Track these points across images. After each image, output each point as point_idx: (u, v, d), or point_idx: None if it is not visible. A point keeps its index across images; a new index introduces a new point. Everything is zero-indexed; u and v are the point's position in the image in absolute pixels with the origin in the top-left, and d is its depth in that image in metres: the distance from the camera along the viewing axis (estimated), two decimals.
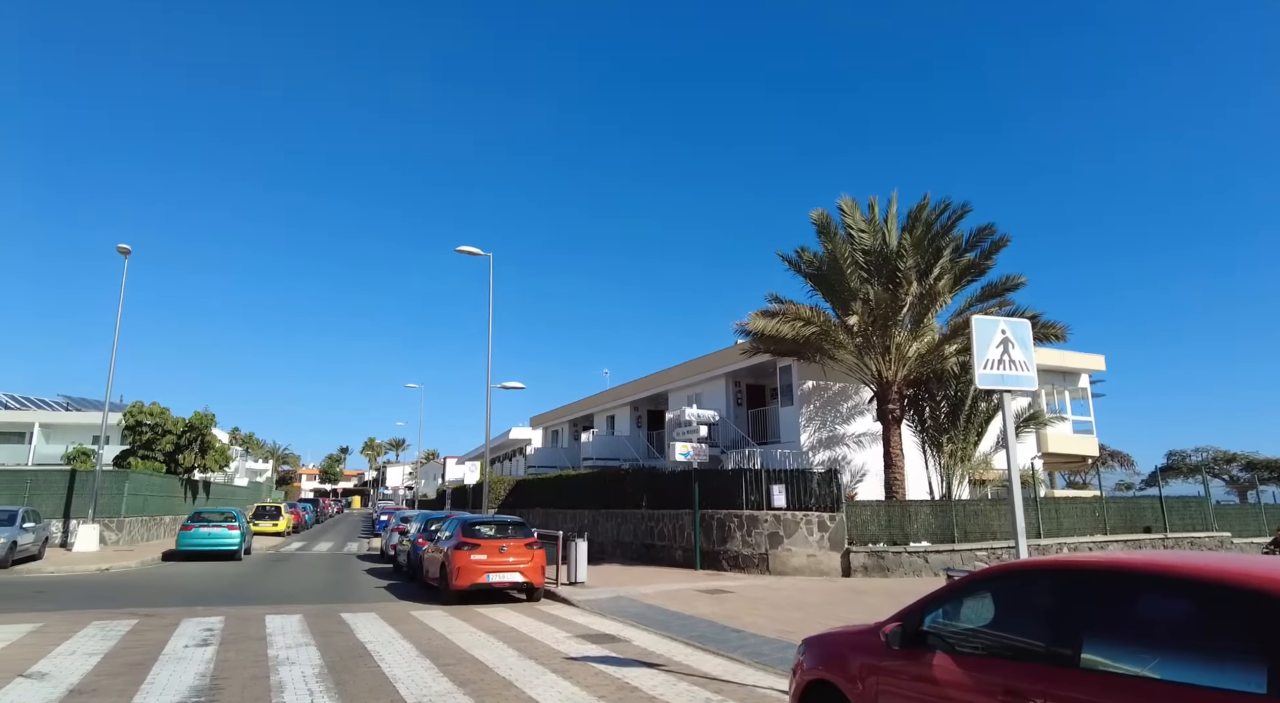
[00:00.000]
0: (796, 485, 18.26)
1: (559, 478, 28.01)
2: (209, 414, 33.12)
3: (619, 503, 23.10)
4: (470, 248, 24.16)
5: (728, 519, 18.64)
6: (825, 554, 17.80)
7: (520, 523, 14.96)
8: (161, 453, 32.19)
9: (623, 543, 22.65)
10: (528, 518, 31.33)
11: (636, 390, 32.22)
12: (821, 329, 18.13)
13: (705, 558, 18.81)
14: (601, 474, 24.91)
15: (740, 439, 24.52)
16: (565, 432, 40.85)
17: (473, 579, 13.52)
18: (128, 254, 24.76)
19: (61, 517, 24.58)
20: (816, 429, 22.47)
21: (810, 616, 11.88)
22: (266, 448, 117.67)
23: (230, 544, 22.16)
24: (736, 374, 25.92)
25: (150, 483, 29.13)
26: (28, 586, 15.53)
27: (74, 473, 25.03)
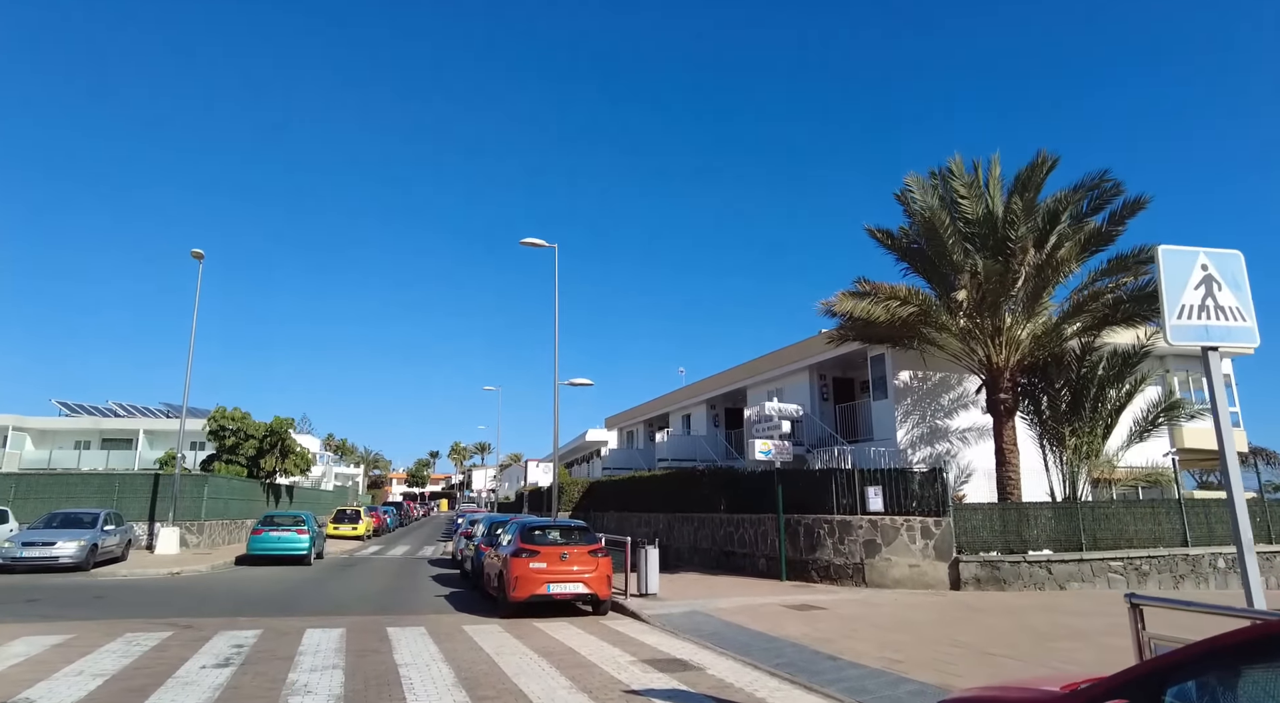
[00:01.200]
0: (894, 487, 16.23)
1: (632, 480, 26.61)
2: (288, 419, 33.44)
3: (695, 507, 21.49)
4: (535, 239, 23.08)
5: (816, 525, 16.75)
6: (930, 564, 15.68)
7: (584, 528, 13.59)
8: (244, 457, 32.63)
9: (700, 550, 21.01)
10: (601, 522, 30.15)
11: (713, 387, 30.51)
12: (921, 309, 16.01)
13: (792, 568, 16.99)
14: (676, 476, 23.35)
15: (827, 437, 22.48)
16: (640, 432, 39.49)
17: (531, 590, 12.21)
18: (201, 259, 24.94)
19: (147, 520, 24.92)
20: (914, 425, 20.23)
21: (920, 639, 9.98)
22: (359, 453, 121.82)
23: (299, 549, 21.75)
24: (821, 366, 23.89)
25: (231, 487, 29.44)
26: (92, 590, 15.24)
27: (157, 477, 25.37)
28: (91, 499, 24.55)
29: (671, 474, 23.86)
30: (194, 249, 24.32)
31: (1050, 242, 16.03)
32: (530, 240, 23.01)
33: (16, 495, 24.30)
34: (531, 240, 23.03)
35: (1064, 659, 8.54)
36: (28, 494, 24.43)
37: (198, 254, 24.62)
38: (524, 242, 22.97)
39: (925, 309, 16.09)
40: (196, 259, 24.77)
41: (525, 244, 23.01)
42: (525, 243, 22.99)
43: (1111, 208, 16.00)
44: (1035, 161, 16.09)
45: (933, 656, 8.89)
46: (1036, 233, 15.84)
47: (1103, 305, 16.01)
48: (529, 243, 23.01)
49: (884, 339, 18.49)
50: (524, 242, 22.97)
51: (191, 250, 24.31)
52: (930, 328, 16.83)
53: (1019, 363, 17.09)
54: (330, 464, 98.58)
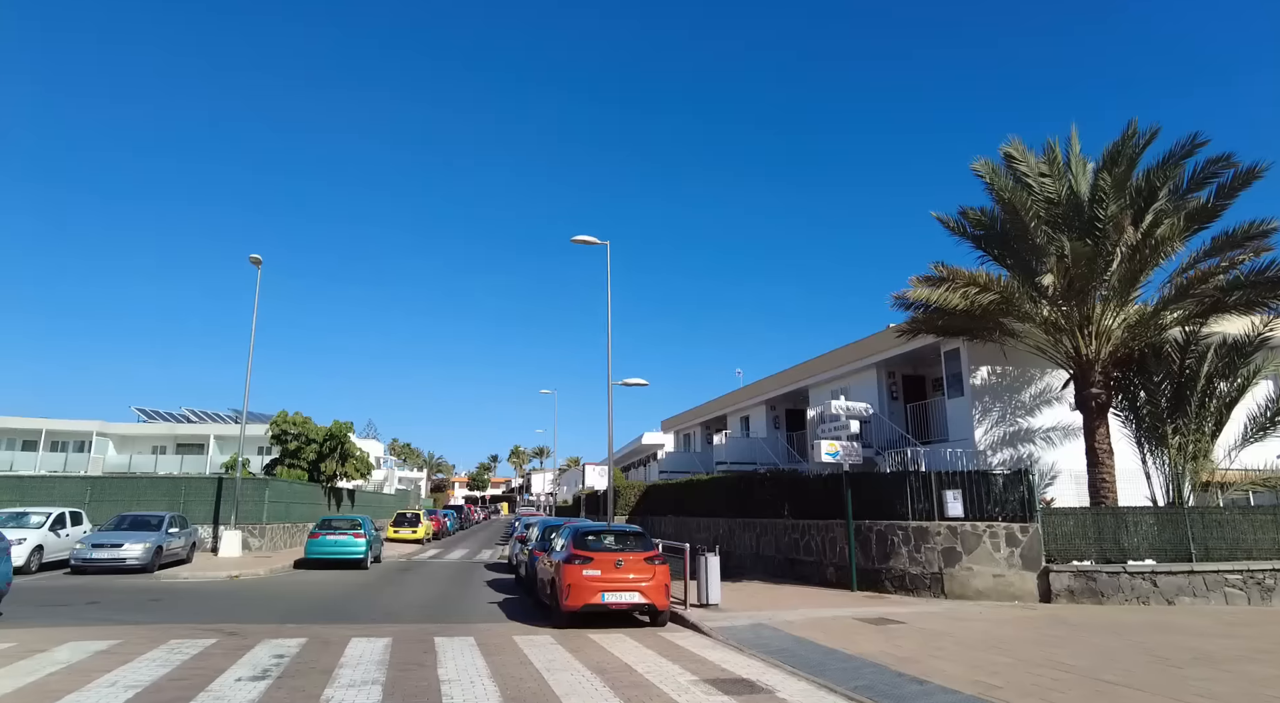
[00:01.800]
0: (975, 491, 14.99)
1: (690, 483, 25.75)
2: (347, 423, 33.78)
3: (757, 512, 20.52)
4: (586, 237, 22.55)
5: (890, 532, 15.63)
6: (1017, 574, 14.39)
7: (640, 533, 12.85)
8: (305, 461, 33.08)
9: (763, 557, 20.02)
10: (657, 527, 29.35)
11: (772, 387, 29.41)
12: (1002, 297, 14.71)
13: (863, 577, 15.89)
14: (736, 479, 22.40)
15: (897, 438, 21.21)
16: (697, 435, 38.57)
17: (585, 599, 11.53)
18: (259, 264, 25.24)
19: (211, 522, 25.31)
20: (993, 424, 18.84)
21: (1018, 660, 8.89)
22: (422, 457, 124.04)
23: (356, 553, 21.64)
24: (890, 363, 22.62)
25: (292, 491, 29.77)
26: (151, 593, 15.24)
27: (220, 481, 25.76)
28: (160, 502, 25.07)
29: (731, 478, 22.92)
30: (252, 254, 24.59)
31: (1147, 220, 14.57)
32: (581, 238, 22.49)
33: (92, 498, 25.00)
34: (583, 238, 22.50)
35: (1199, 693, 7.35)
36: (102, 497, 25.10)
37: (255, 260, 24.91)
38: (575, 239, 22.46)
39: (1007, 296, 14.78)
40: (255, 264, 25.07)
41: (576, 242, 22.49)
42: (576, 241, 22.48)
43: (1220, 180, 14.42)
44: (1126, 133, 14.64)
45: (1036, 681, 7.82)
46: (1131, 211, 14.39)
47: (1212, 289, 14.41)
48: (580, 240, 22.49)
49: (959, 331, 17.23)
50: (575, 239, 22.46)
51: (250, 256, 24.62)
52: (1012, 318, 15.51)
53: (1111, 355, 15.63)
54: (394, 469, 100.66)
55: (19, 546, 18.51)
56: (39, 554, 19.15)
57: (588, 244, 22.67)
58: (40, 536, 19.37)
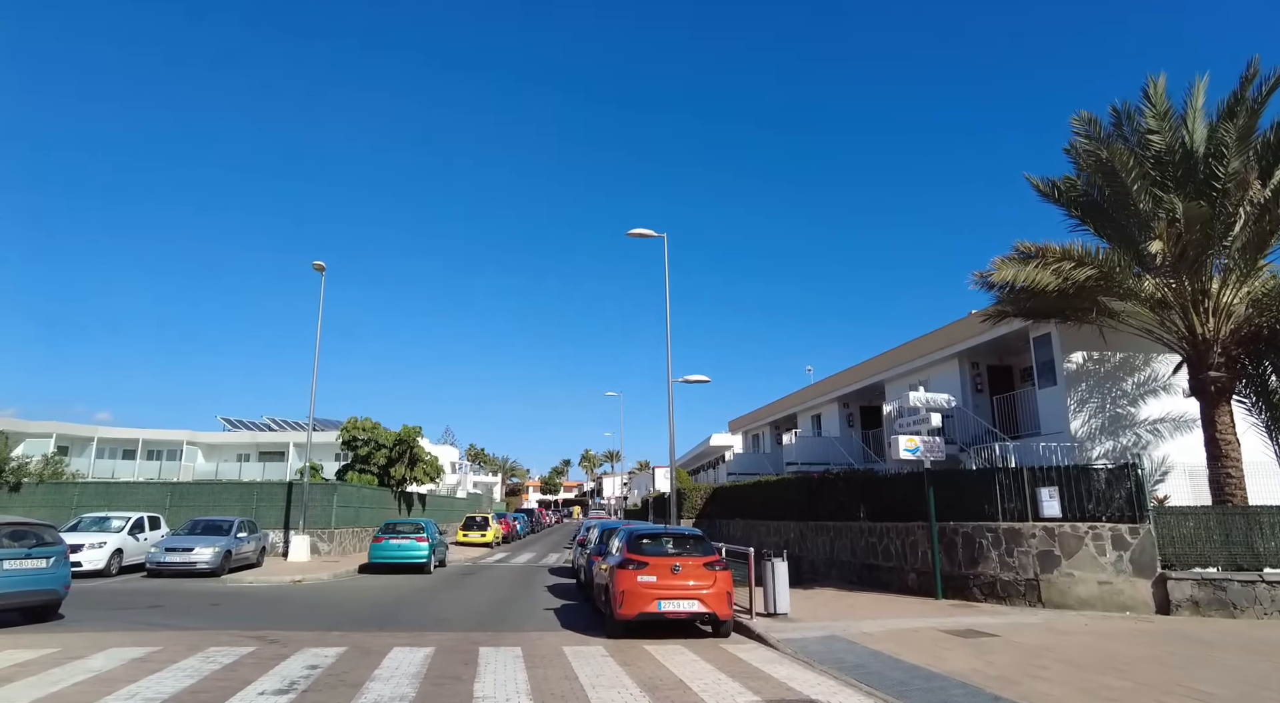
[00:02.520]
0: (1073, 488, 13.47)
1: (758, 485, 24.60)
2: (415, 428, 34.01)
3: (830, 514, 19.26)
4: (643, 230, 21.87)
5: (977, 534, 14.22)
6: (1126, 582, 12.79)
7: (699, 537, 11.93)
8: (375, 466, 33.45)
9: (838, 562, 18.75)
10: (725, 531, 28.26)
11: (845, 383, 27.93)
12: (1101, 272, 13.12)
13: (948, 584, 14.52)
14: (807, 481, 21.15)
15: (983, 433, 19.57)
16: (766, 435, 37.24)
17: (640, 607, 10.70)
18: (323, 271, 25.52)
19: (283, 527, 25.69)
20: (1090, 415, 17.07)
21: (1140, 684, 7.58)
22: (496, 462, 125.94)
23: (419, 557, 21.44)
24: (973, 353, 20.97)
25: (361, 495, 30.06)
26: (214, 596, 15.23)
27: (290, 486, 26.13)
28: (234, 507, 25.61)
29: (802, 479, 21.69)
30: (315, 262, 24.87)
31: (1277, 176, 12.73)
32: (638, 231, 21.81)
33: (172, 503, 25.75)
34: (639, 231, 21.82)
35: None
36: (181, 502, 25.84)
37: (319, 267, 25.19)
38: (631, 233, 21.82)
39: (1106, 271, 13.17)
40: (318, 272, 25.37)
41: (633, 235, 21.83)
42: (633, 234, 21.83)
43: None
44: (1245, 76, 12.84)
45: None
46: (1258, 166, 12.58)
47: None
48: (637, 234, 21.82)
49: (1051, 314, 15.62)
50: (631, 233, 21.82)
51: (313, 263, 24.89)
52: (1112, 296, 13.86)
53: (1233, 333, 13.79)
54: (468, 473, 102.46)
55: (99, 549, 19.10)
56: (119, 557, 19.65)
57: (644, 237, 21.97)
58: (120, 539, 19.87)
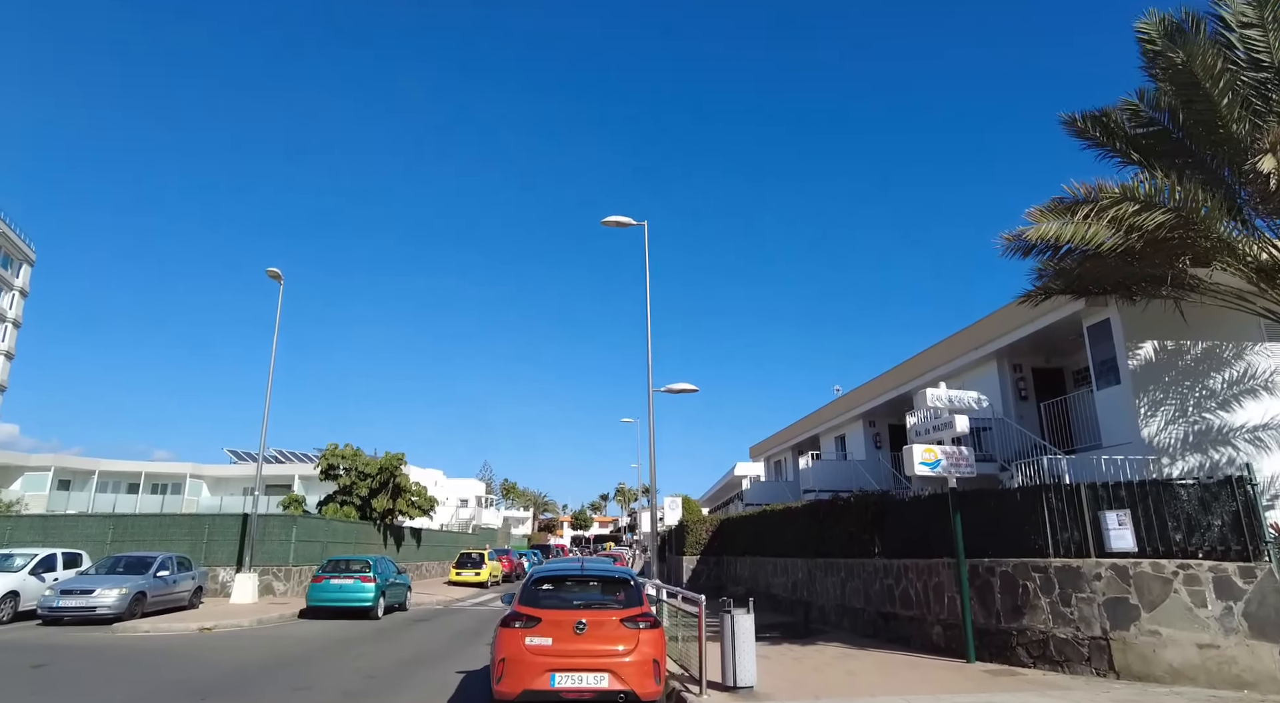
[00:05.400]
0: (1150, 511, 9.93)
1: (763, 515, 21.06)
2: (398, 455, 31.34)
3: (840, 549, 15.74)
4: (620, 218, 18.97)
5: (1020, 575, 10.69)
6: (1241, 646, 9.10)
7: (623, 580, 8.69)
8: (358, 497, 30.80)
9: (849, 609, 15.17)
10: (733, 570, 24.62)
11: (870, 396, 24.35)
12: (1180, 215, 9.59)
13: (984, 641, 10.95)
14: (813, 509, 17.60)
15: (1029, 446, 15.87)
16: (788, 461, 33.54)
17: (524, 682, 7.52)
18: (280, 279, 23.19)
19: (235, 564, 23.02)
20: (1169, 420, 13.34)
21: None
22: (529, 496, 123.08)
23: (363, 600, 18.46)
24: (1014, 352, 17.39)
25: (330, 528, 27.34)
26: (56, 653, 12.42)
27: (245, 518, 23.48)
28: (183, 542, 23.12)
29: (809, 507, 18.15)
30: (270, 268, 22.55)
31: None
32: (614, 219, 18.94)
33: (114, 537, 23.37)
34: (615, 219, 18.95)
35: None
36: (124, 537, 23.41)
37: (274, 274, 22.86)
38: (607, 221, 18.93)
39: (1186, 215, 9.68)
40: (274, 279, 23.03)
41: (609, 224, 18.94)
42: (609, 222, 18.94)
43: None
44: None
45: None
46: None
47: None
48: (613, 222, 18.94)
49: (1109, 287, 12.10)
50: (607, 221, 18.93)
51: (267, 269, 22.55)
52: (1198, 249, 10.31)
53: None
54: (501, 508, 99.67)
55: None
56: (13, 601, 17.13)
57: (621, 226, 19.07)
58: (17, 580, 17.38)
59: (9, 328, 61.28)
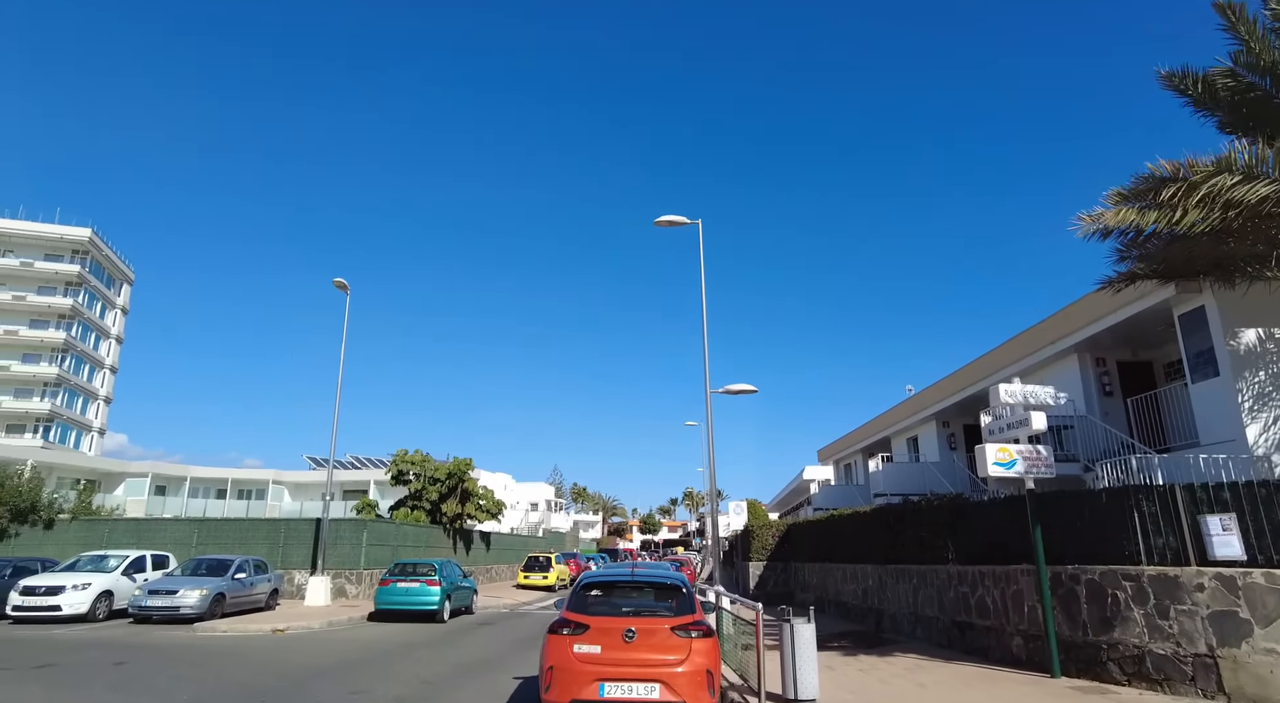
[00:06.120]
0: (1260, 515, 9.00)
1: (831, 520, 20.33)
2: (465, 460, 31.79)
3: (912, 556, 15.01)
4: (673, 217, 18.70)
5: (1109, 584, 9.87)
6: None
7: (674, 587, 8.38)
8: (428, 502, 31.40)
9: (922, 618, 14.43)
10: (800, 577, 23.92)
11: (942, 395, 23.30)
12: None
13: (1071, 655, 10.17)
14: (883, 513, 16.86)
15: (1117, 445, 14.78)
16: (858, 464, 32.48)
17: (573, 692, 7.32)
18: (346, 290, 23.85)
19: (310, 567, 23.72)
20: (1278, 415, 12.17)
21: None
22: (599, 501, 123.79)
23: (428, 603, 18.68)
24: (1096, 344, 16.28)
25: (400, 533, 27.89)
26: (139, 652, 12.94)
27: (318, 523, 24.18)
28: (261, 545, 23.98)
29: (878, 511, 17.41)
30: (336, 279, 23.21)
31: None
32: (666, 219, 18.67)
33: (199, 541, 24.44)
34: (668, 219, 18.68)
35: None
36: (207, 540, 24.48)
37: (341, 285, 23.53)
38: (659, 221, 18.67)
39: None
40: (341, 290, 23.70)
41: (661, 224, 18.68)
42: (661, 222, 18.67)
43: None
44: None
45: None
46: None
47: None
48: (665, 222, 18.66)
49: (1205, 269, 11.11)
50: (659, 221, 18.67)
51: (334, 280, 23.22)
52: None
53: None
54: (571, 512, 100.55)
55: (82, 591, 17.57)
56: (107, 600, 18.06)
57: (675, 225, 18.79)
58: (110, 580, 18.32)
59: (113, 344, 65.63)
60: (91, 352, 61.52)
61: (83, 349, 59.95)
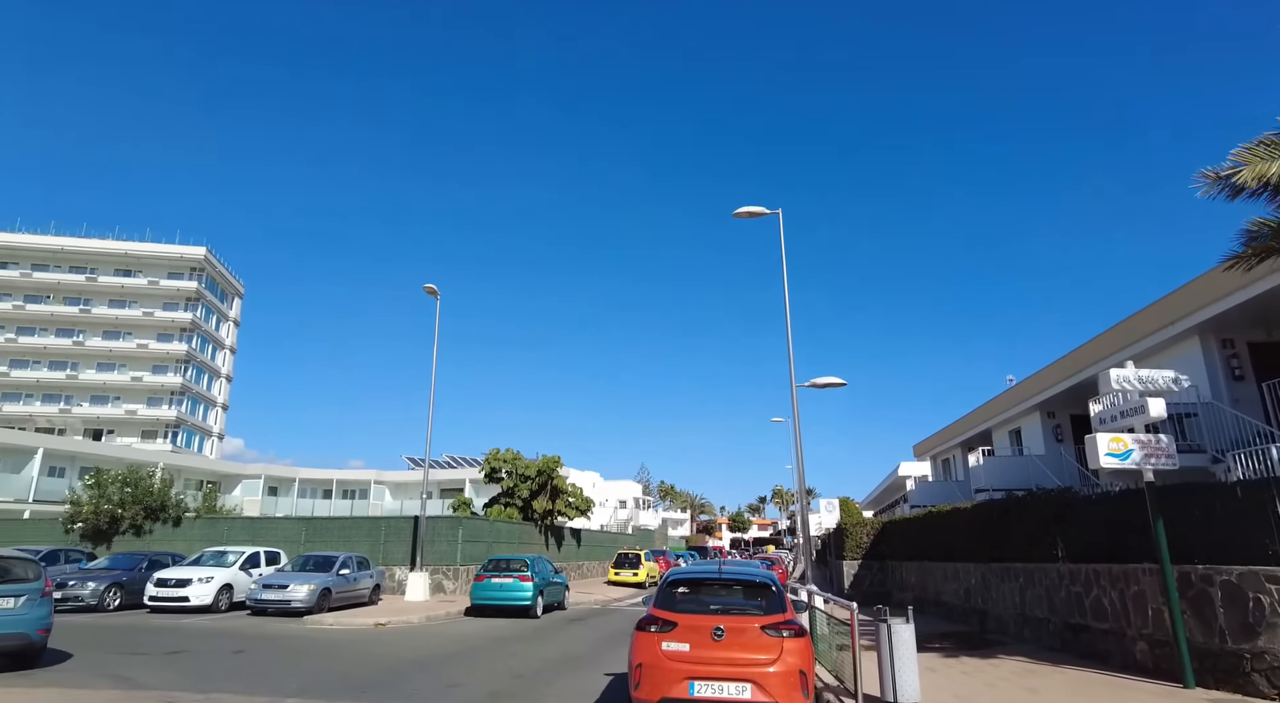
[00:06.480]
0: None
1: (929, 517, 19.43)
2: (554, 458, 32.30)
3: (1017, 553, 14.16)
4: (753, 208, 18.34)
5: (1248, 585, 8.98)
6: None
7: (764, 585, 8.15)
8: (520, 499, 32.08)
9: (1031, 619, 13.58)
10: (898, 576, 23.04)
11: (1046, 384, 21.94)
12: None
13: (1206, 663, 9.32)
14: (985, 509, 15.97)
15: (1252, 434, 13.47)
16: (957, 459, 31.06)
17: (662, 689, 7.23)
18: (436, 295, 24.62)
19: (409, 564, 24.63)
20: None
21: None
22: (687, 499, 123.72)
23: (520, 599, 19.03)
24: (1222, 324, 14.91)
25: (494, 529, 28.59)
26: (254, 643, 13.70)
27: (416, 521, 25.07)
28: (363, 542, 25.05)
29: (979, 508, 16.53)
30: (427, 285, 23.97)
31: None
32: (746, 210, 18.35)
33: (306, 538, 25.76)
34: (748, 210, 18.35)
35: None
36: (315, 538, 25.76)
37: (431, 290, 24.29)
38: (738, 213, 18.37)
39: None
40: (431, 295, 24.47)
41: (740, 215, 18.37)
42: (740, 214, 18.36)
43: None
44: None
45: None
46: None
47: None
48: (745, 213, 18.34)
49: None
50: (738, 213, 18.37)
51: (424, 286, 24.00)
52: None
53: None
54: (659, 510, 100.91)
55: (206, 584, 18.78)
56: (228, 593, 19.28)
57: (755, 216, 18.44)
58: (230, 575, 19.53)
59: (227, 354, 70.37)
60: (209, 362, 66.21)
61: (202, 360, 64.58)
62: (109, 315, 61.88)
